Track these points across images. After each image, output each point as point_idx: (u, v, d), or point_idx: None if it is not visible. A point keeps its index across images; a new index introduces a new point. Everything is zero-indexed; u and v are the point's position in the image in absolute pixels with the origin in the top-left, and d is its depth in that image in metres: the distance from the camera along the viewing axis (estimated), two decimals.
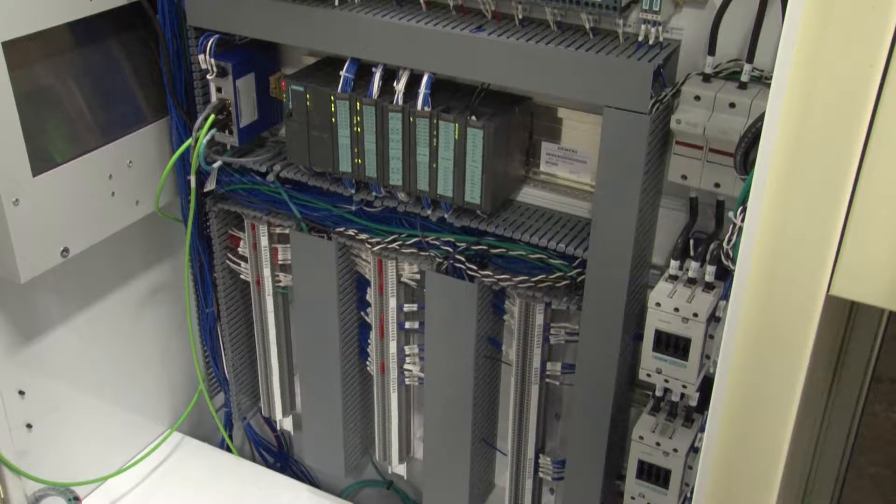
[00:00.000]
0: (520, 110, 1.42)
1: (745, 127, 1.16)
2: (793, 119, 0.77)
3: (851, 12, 0.72)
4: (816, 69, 0.75)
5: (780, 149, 0.78)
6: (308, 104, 1.48)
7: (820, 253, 0.79)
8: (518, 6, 1.32)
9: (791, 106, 0.77)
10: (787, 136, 0.78)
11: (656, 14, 1.22)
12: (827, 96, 0.75)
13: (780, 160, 0.79)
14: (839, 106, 0.75)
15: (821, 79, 0.75)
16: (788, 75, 0.76)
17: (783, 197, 0.79)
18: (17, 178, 1.39)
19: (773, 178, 0.80)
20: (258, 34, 1.51)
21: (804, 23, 0.74)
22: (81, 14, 1.45)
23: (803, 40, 0.75)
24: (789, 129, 0.78)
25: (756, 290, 0.84)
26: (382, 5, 1.42)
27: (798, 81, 0.76)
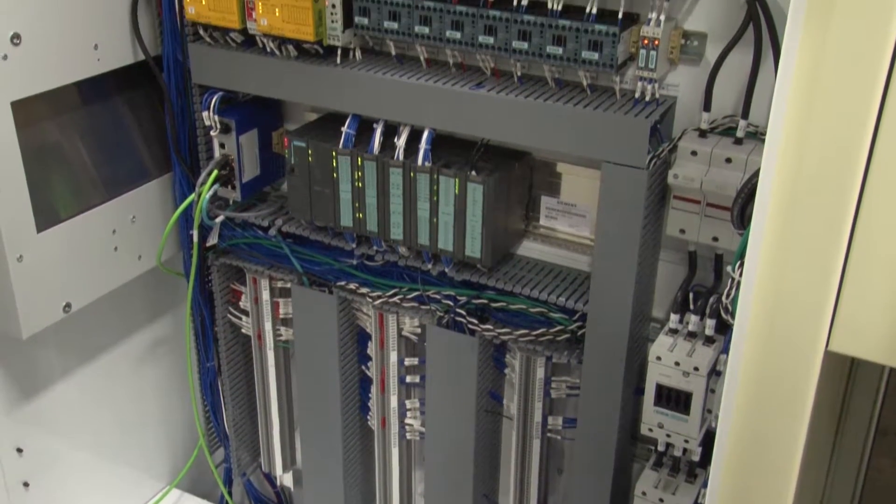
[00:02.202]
0: (519, 165, 1.43)
1: (742, 182, 1.17)
2: (787, 175, 0.78)
3: (841, 68, 0.73)
4: (809, 125, 0.76)
5: (776, 205, 0.79)
6: (310, 160, 1.50)
7: (817, 309, 0.80)
8: (517, 63, 1.34)
9: (785, 162, 0.78)
10: (782, 192, 0.79)
11: (652, 71, 1.24)
12: (820, 152, 0.76)
13: (775, 216, 0.80)
14: (833, 161, 0.76)
15: (813, 135, 0.76)
16: (781, 132, 0.77)
17: (779, 252, 0.80)
18: (22, 234, 1.41)
19: (769, 234, 0.80)
20: (261, 91, 1.53)
21: (796, 80, 0.75)
22: (89, 73, 1.48)
23: (795, 97, 0.76)
24: (784, 185, 0.79)
25: (755, 345, 0.84)
26: (383, 63, 1.44)
27: (791, 138, 0.77)
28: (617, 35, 1.21)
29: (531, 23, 1.26)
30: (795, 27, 0.74)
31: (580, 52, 1.24)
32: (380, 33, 1.38)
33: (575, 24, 1.23)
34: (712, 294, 1.32)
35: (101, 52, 1.49)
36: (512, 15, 1.27)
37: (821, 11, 0.72)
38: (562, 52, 1.26)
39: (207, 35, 1.54)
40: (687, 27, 1.26)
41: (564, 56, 1.26)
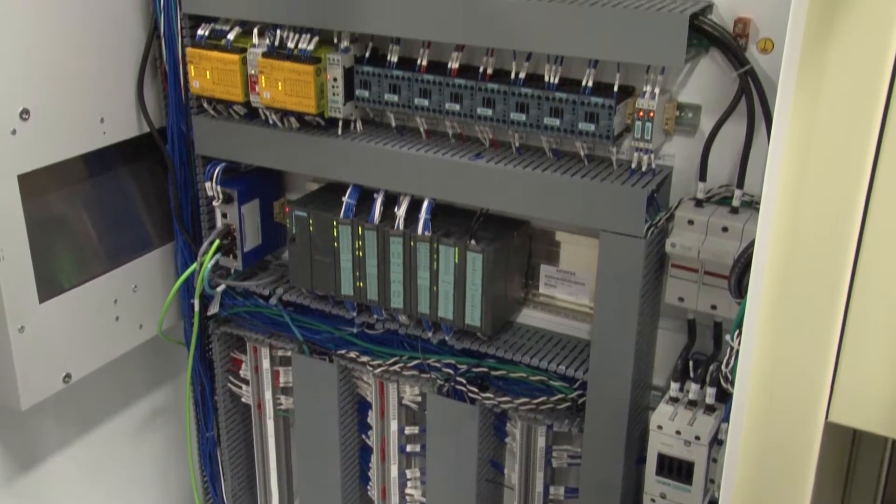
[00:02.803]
0: (518, 234, 1.45)
1: (738, 251, 1.18)
2: (782, 246, 0.79)
3: (832, 140, 0.75)
4: (802, 196, 0.77)
5: (771, 275, 0.80)
6: (311, 229, 1.51)
7: (816, 379, 0.80)
8: (515, 134, 1.37)
9: (779, 232, 0.79)
10: (777, 263, 0.80)
11: (648, 142, 1.26)
12: (814, 222, 0.78)
13: (771, 286, 0.81)
14: (826, 231, 0.77)
15: (807, 205, 0.77)
16: (775, 202, 0.79)
17: (776, 322, 0.81)
18: (24, 304, 1.41)
19: (766, 304, 0.81)
20: (264, 162, 1.55)
21: (787, 151, 0.77)
22: (95, 146, 1.51)
23: (787, 169, 0.77)
24: (778, 255, 0.80)
25: (755, 416, 0.84)
26: (384, 134, 1.47)
27: (785, 208, 0.78)
28: (613, 107, 1.24)
29: (529, 95, 1.29)
30: (786, 100, 0.76)
31: (577, 124, 1.27)
32: (380, 105, 1.41)
33: (571, 96, 1.26)
34: (712, 362, 1.32)
35: (108, 124, 1.52)
36: (510, 88, 1.30)
37: (810, 85, 0.74)
38: (559, 124, 1.28)
39: (211, 108, 1.57)
40: (681, 99, 1.29)
41: (562, 127, 1.28)
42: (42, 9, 1.37)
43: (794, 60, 0.75)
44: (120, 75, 1.53)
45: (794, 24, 0.74)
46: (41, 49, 1.38)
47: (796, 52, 0.75)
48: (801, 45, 0.75)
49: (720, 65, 1.24)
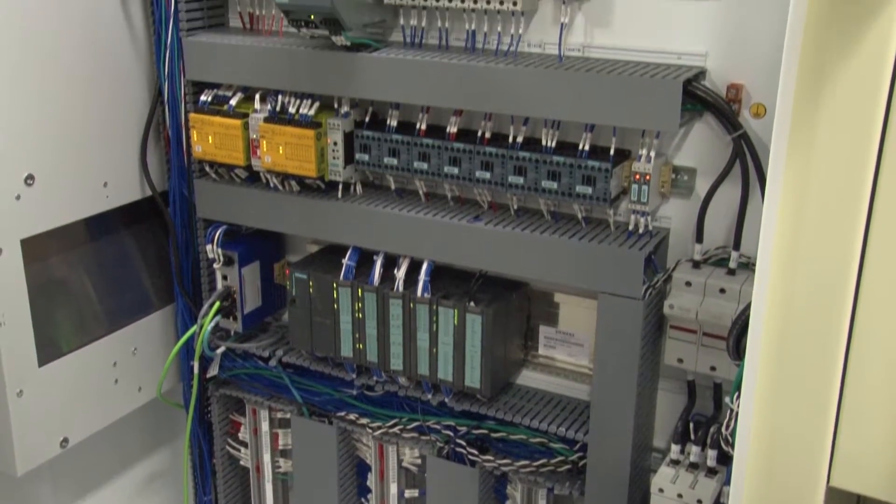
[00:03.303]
0: (517, 295, 1.45)
1: (736, 313, 1.19)
2: (778, 309, 0.80)
3: (825, 201, 0.76)
4: (796, 260, 0.78)
5: (768, 338, 0.81)
6: (311, 291, 1.52)
7: (816, 443, 0.80)
8: (513, 197, 1.38)
9: (775, 296, 0.80)
10: (774, 326, 0.80)
11: (644, 205, 1.27)
12: (809, 285, 0.78)
13: (768, 349, 0.81)
14: (822, 294, 0.78)
15: (801, 269, 0.78)
16: (770, 267, 0.79)
17: (774, 386, 0.81)
18: (23, 368, 1.41)
19: (763, 367, 0.81)
20: (264, 225, 1.57)
21: (782, 213, 0.78)
22: (98, 210, 1.53)
23: (781, 233, 0.78)
24: (775, 318, 0.80)
25: (756, 480, 0.84)
26: (383, 197, 1.48)
27: (780, 272, 0.79)
28: (609, 171, 1.26)
29: (526, 159, 1.31)
30: (778, 164, 0.77)
31: (574, 187, 1.28)
32: (380, 169, 1.43)
33: (568, 160, 1.28)
34: (713, 424, 1.32)
35: (111, 189, 1.53)
36: (508, 151, 1.32)
37: (801, 149, 0.76)
38: (556, 187, 1.30)
39: (213, 171, 1.59)
40: (677, 162, 1.31)
41: (559, 190, 1.30)
42: (48, 76, 1.40)
43: (785, 125, 0.77)
44: (124, 140, 1.56)
45: (785, 90, 0.76)
46: (47, 116, 1.40)
47: (787, 117, 0.76)
48: (791, 110, 0.76)
49: (714, 129, 1.27)
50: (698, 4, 1.23)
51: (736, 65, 1.23)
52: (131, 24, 1.53)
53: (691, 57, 1.25)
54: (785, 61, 0.75)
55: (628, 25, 1.29)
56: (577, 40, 1.33)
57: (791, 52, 0.75)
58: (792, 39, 0.74)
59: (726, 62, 1.24)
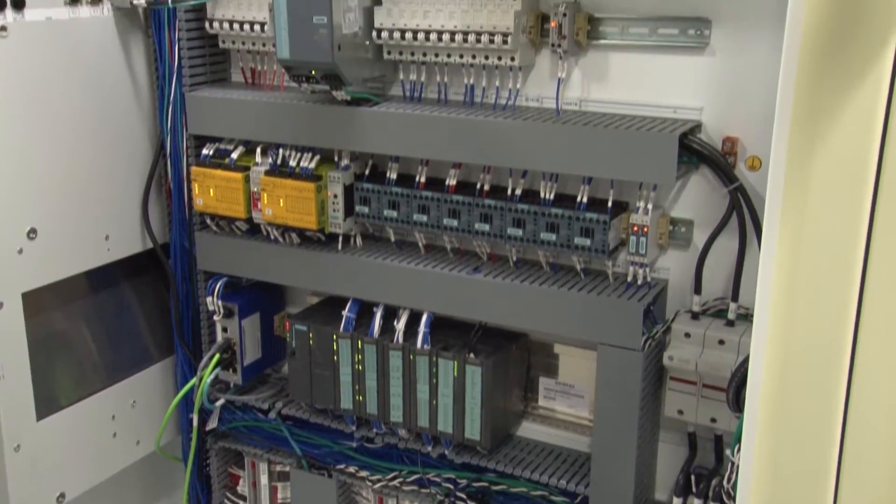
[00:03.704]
0: (517, 347, 1.45)
1: (736, 364, 1.19)
2: (776, 361, 0.80)
3: (821, 254, 0.76)
4: (794, 310, 0.78)
5: (767, 390, 0.81)
6: (311, 343, 1.52)
7: (817, 496, 0.79)
8: (512, 249, 1.39)
9: (773, 347, 0.80)
10: (773, 378, 0.80)
11: (643, 256, 1.28)
12: (807, 336, 0.78)
13: (768, 401, 0.81)
14: (820, 344, 0.78)
15: (799, 319, 0.78)
16: (768, 317, 0.80)
17: (775, 439, 0.81)
18: (21, 423, 1.41)
19: (764, 420, 0.81)
20: (265, 277, 1.57)
21: (778, 266, 0.79)
22: (100, 263, 1.53)
23: (779, 282, 0.79)
24: (774, 370, 0.80)
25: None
26: (383, 248, 1.49)
27: (778, 323, 0.79)
28: (607, 223, 1.27)
29: (525, 211, 1.32)
30: (773, 217, 0.78)
31: (573, 239, 1.29)
32: (380, 221, 1.44)
33: (567, 212, 1.29)
34: (714, 476, 1.31)
35: (112, 241, 1.54)
36: (506, 204, 1.33)
37: (796, 203, 0.77)
38: (555, 239, 1.31)
39: (214, 224, 1.60)
40: (674, 214, 1.32)
41: (558, 242, 1.31)
42: (55, 132, 1.42)
43: (779, 179, 0.77)
44: (126, 193, 1.57)
45: (778, 145, 0.77)
46: (51, 170, 1.42)
47: (781, 171, 0.77)
48: (784, 164, 0.77)
49: (711, 181, 1.28)
50: (693, 59, 1.25)
51: (731, 118, 1.25)
52: (135, 80, 1.55)
53: (687, 111, 1.27)
54: (778, 116, 0.76)
55: (624, 80, 1.31)
56: (574, 94, 1.35)
57: (783, 107, 0.76)
58: (784, 95, 0.76)
59: (721, 115, 1.25)
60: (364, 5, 1.36)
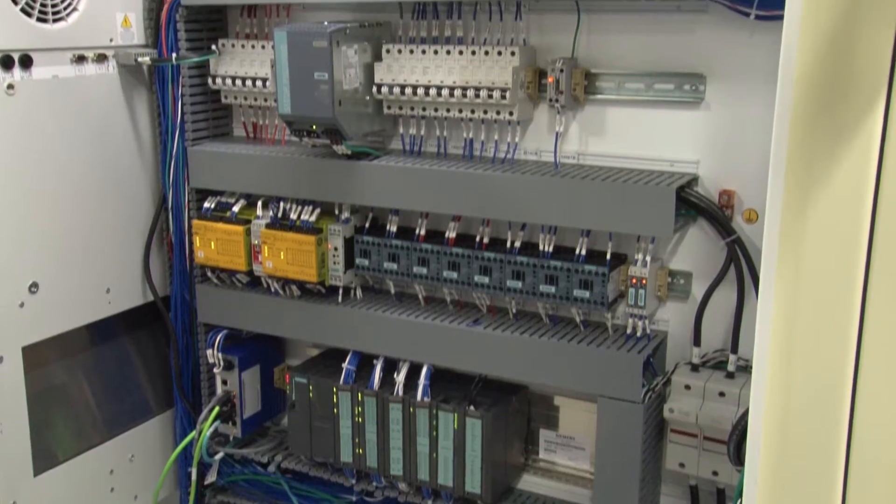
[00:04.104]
0: (517, 399, 1.45)
1: (736, 417, 1.19)
2: (776, 414, 0.80)
3: (817, 306, 0.77)
4: (792, 363, 0.78)
5: (768, 445, 0.80)
6: (311, 395, 1.52)
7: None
8: (512, 301, 1.39)
9: (773, 400, 0.80)
10: (773, 432, 0.80)
11: (642, 308, 1.29)
12: (806, 388, 0.78)
13: (768, 455, 0.80)
14: (820, 397, 0.78)
15: (798, 372, 0.78)
16: (767, 371, 0.80)
17: (776, 494, 0.80)
18: (18, 478, 1.40)
19: (765, 475, 0.81)
20: (265, 329, 1.58)
21: (775, 320, 0.79)
22: (100, 316, 1.54)
23: (776, 336, 0.79)
24: (774, 424, 0.80)
25: None
26: (383, 301, 1.50)
27: (777, 377, 0.79)
28: (606, 275, 1.27)
29: (524, 263, 1.33)
30: (769, 271, 0.78)
31: (572, 291, 1.30)
32: (380, 273, 1.45)
33: (566, 264, 1.30)
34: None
35: (113, 294, 1.55)
36: (506, 256, 1.34)
37: (792, 256, 0.77)
38: (554, 291, 1.31)
39: (215, 276, 1.61)
40: (673, 266, 1.33)
41: (557, 294, 1.31)
42: (59, 188, 1.44)
43: (774, 233, 0.78)
44: (128, 247, 1.58)
45: (773, 199, 0.78)
46: (54, 225, 1.43)
47: (776, 225, 0.78)
48: (780, 218, 0.78)
49: (708, 233, 1.29)
50: (689, 114, 1.27)
51: (727, 171, 1.26)
52: (139, 135, 1.57)
53: (684, 164, 1.28)
54: (772, 171, 0.77)
55: (622, 133, 1.32)
56: (572, 148, 1.36)
57: (777, 162, 0.77)
58: (777, 150, 0.77)
59: (718, 169, 1.27)
60: (365, 61, 1.39)
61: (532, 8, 1.34)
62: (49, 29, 1.39)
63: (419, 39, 1.40)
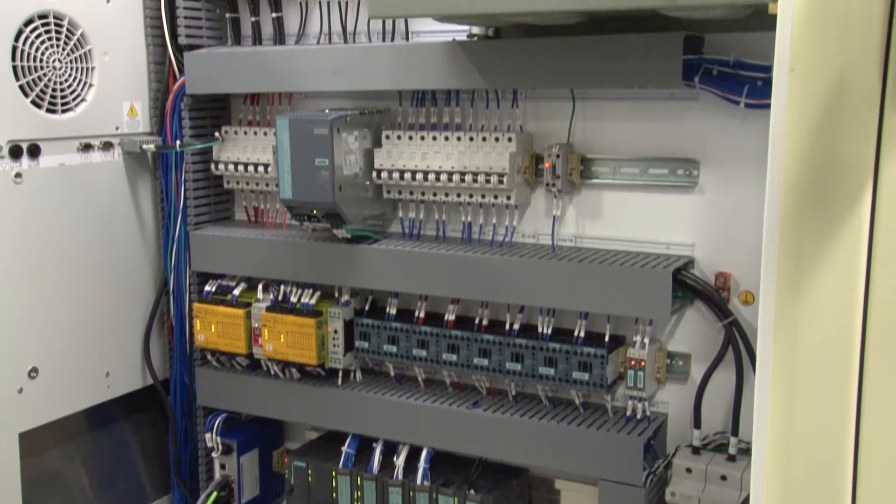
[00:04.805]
0: (518, 483, 1.44)
1: (739, 501, 1.17)
2: (778, 500, 0.80)
3: (815, 387, 0.77)
4: (791, 446, 0.78)
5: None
6: (310, 479, 1.50)
7: None
8: (511, 383, 1.39)
9: (774, 486, 0.79)
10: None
11: (641, 391, 1.29)
12: (806, 471, 0.78)
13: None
14: (820, 479, 0.77)
15: (798, 456, 0.78)
16: (766, 455, 0.80)
17: None
18: None
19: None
20: (264, 413, 1.57)
21: (773, 403, 0.79)
22: (99, 400, 1.53)
23: (775, 419, 0.79)
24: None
25: None
26: (383, 383, 1.50)
27: (777, 461, 0.79)
28: (605, 357, 1.28)
29: (523, 346, 1.33)
30: (766, 355, 0.79)
31: (571, 373, 1.30)
32: (380, 356, 1.45)
33: (565, 346, 1.30)
34: None
35: (112, 378, 1.55)
36: (505, 338, 1.35)
37: (787, 340, 0.78)
38: (553, 373, 1.31)
39: (215, 360, 1.61)
40: (671, 348, 1.33)
41: (556, 376, 1.31)
42: (62, 273, 1.45)
43: (769, 317, 0.79)
44: (128, 330, 1.58)
45: (766, 283, 0.79)
46: (56, 310, 1.44)
47: (771, 310, 0.79)
48: (774, 303, 0.79)
49: (706, 315, 1.30)
50: (684, 197, 1.29)
51: (723, 254, 1.28)
52: (142, 220, 1.59)
53: (680, 247, 1.30)
54: (764, 257, 0.79)
55: (618, 217, 1.34)
56: (569, 231, 1.38)
57: (770, 247, 0.78)
58: (769, 235, 0.78)
59: (713, 251, 1.28)
60: (365, 147, 1.42)
61: (528, 95, 1.38)
62: (58, 119, 1.43)
63: (418, 126, 1.43)
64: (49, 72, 1.40)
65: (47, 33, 1.40)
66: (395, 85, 1.39)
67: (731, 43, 1.21)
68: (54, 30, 1.41)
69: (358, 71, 1.39)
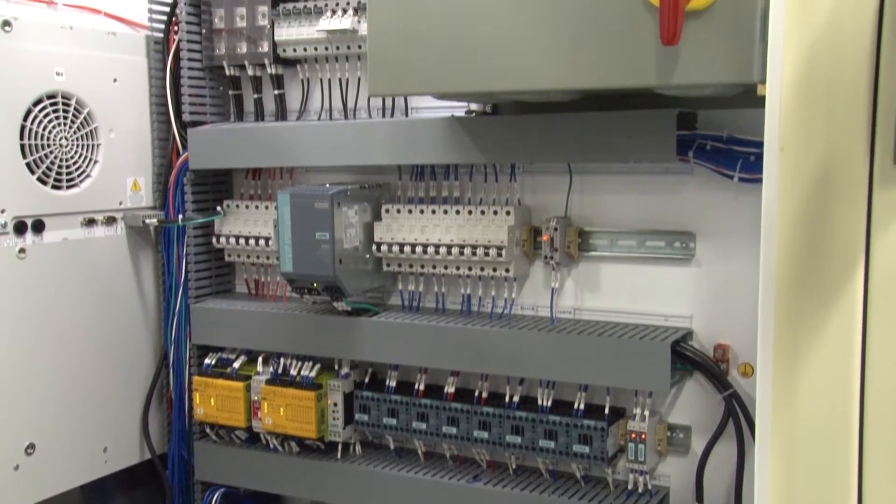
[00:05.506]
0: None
1: None
2: None
3: (814, 461, 0.77)
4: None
5: None
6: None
7: None
8: (511, 456, 1.39)
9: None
10: None
11: (642, 464, 1.28)
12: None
13: None
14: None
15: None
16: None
17: None
18: None
19: None
20: (263, 487, 1.55)
21: (773, 477, 0.79)
22: (96, 476, 1.52)
23: (776, 494, 0.79)
24: None
25: None
26: (382, 456, 1.49)
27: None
28: (605, 430, 1.27)
29: (523, 418, 1.33)
30: (765, 428, 0.79)
31: (571, 446, 1.29)
32: (379, 429, 1.45)
33: (565, 419, 1.30)
34: None
35: (110, 453, 1.54)
36: (504, 411, 1.34)
37: (786, 414, 0.78)
38: (554, 446, 1.31)
39: (214, 433, 1.60)
40: (671, 420, 1.33)
41: (557, 449, 1.31)
42: (59, 346, 1.45)
43: (767, 390, 0.79)
44: (127, 404, 1.58)
45: (763, 357, 0.79)
46: (54, 384, 1.44)
47: (768, 381, 0.79)
48: (771, 375, 0.80)
49: (705, 387, 1.30)
50: (680, 269, 1.31)
51: (721, 325, 1.28)
52: (143, 294, 1.60)
53: (677, 318, 1.31)
54: (761, 331, 0.79)
55: (616, 289, 1.35)
56: (568, 303, 1.39)
57: (766, 320, 0.79)
58: (765, 309, 0.79)
59: (711, 323, 1.29)
60: (364, 221, 1.43)
61: (526, 170, 1.40)
62: (63, 195, 1.45)
63: (417, 199, 1.45)
64: (55, 149, 1.43)
65: (55, 112, 1.43)
66: (395, 160, 1.41)
67: (723, 119, 1.24)
68: (62, 109, 1.44)
69: (358, 146, 1.41)
